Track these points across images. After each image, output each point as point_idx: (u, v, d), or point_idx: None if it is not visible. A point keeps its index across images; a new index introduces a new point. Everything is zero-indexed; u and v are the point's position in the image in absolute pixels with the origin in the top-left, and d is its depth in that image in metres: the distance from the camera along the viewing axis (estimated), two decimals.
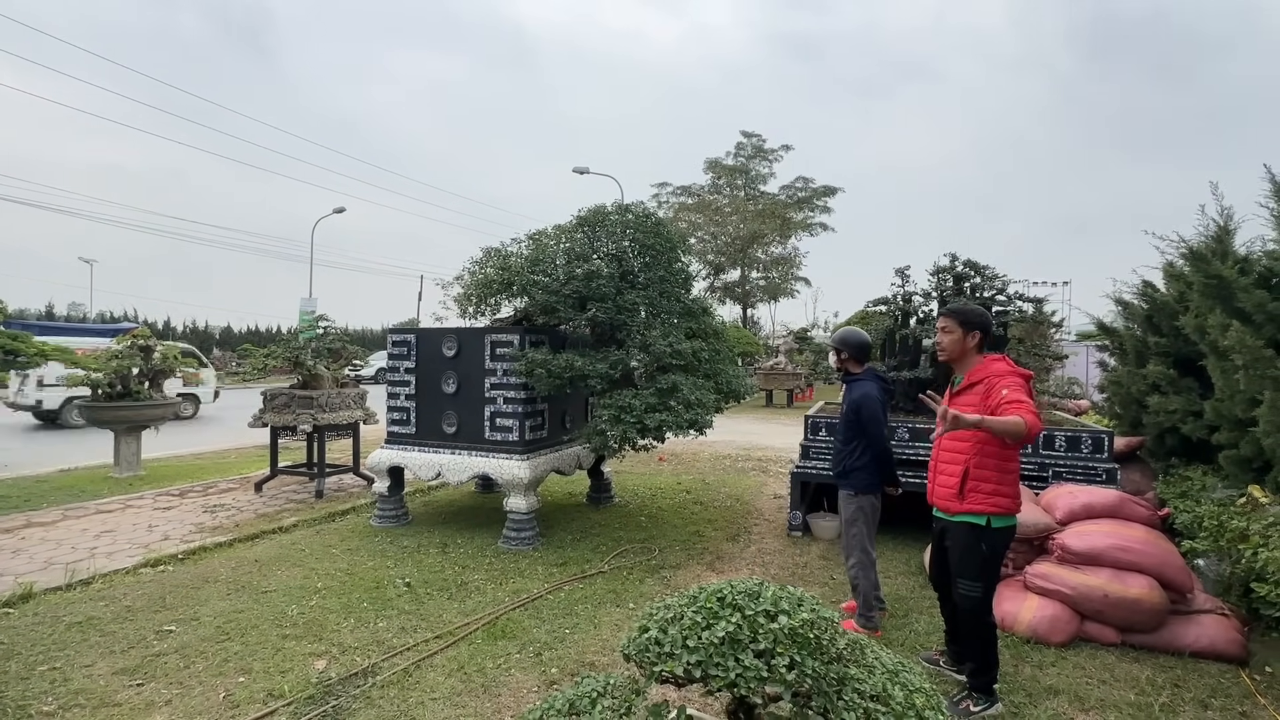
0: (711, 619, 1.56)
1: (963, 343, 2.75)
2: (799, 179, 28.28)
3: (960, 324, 2.75)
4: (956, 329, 2.76)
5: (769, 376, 17.92)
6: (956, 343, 2.77)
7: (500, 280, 4.92)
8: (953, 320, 2.78)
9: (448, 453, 5.07)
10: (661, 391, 4.51)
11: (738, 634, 1.51)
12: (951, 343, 2.78)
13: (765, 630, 1.51)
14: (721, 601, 1.61)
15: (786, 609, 1.57)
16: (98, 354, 7.22)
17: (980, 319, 2.76)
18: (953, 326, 2.77)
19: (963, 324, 2.75)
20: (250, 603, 3.69)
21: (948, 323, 2.80)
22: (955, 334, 2.77)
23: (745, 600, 1.60)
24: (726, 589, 1.67)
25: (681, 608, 1.63)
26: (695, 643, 1.51)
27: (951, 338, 2.78)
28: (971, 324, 2.74)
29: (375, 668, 2.95)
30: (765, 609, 1.57)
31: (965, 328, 2.75)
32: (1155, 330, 5.17)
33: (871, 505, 3.39)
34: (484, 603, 3.71)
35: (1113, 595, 3.21)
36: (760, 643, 1.49)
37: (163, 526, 5.28)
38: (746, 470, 8.12)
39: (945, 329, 2.80)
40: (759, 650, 1.48)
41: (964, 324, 2.75)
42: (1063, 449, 4.59)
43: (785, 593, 1.67)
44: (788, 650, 1.47)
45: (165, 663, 2.98)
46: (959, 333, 2.76)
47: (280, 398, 6.38)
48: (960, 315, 2.78)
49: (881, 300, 5.67)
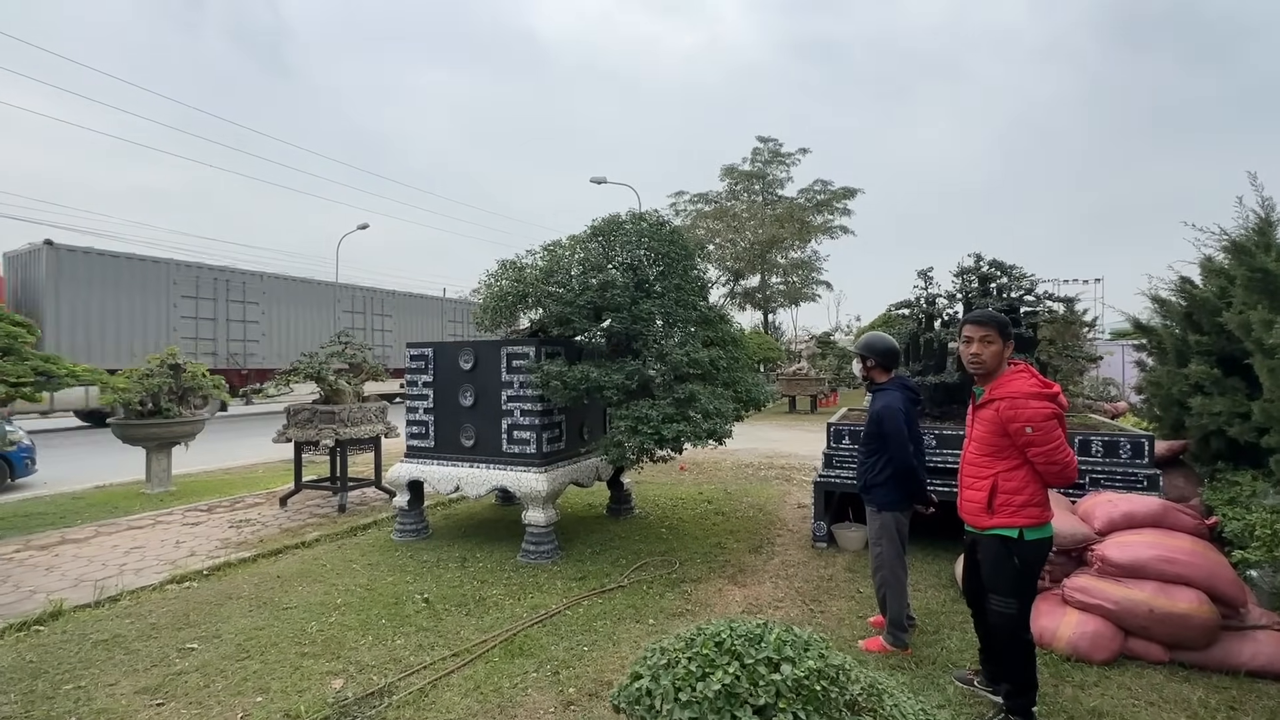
0: (708, 667, 1.45)
1: (1001, 355, 2.55)
2: (817, 181, 27.99)
3: (1001, 334, 2.53)
4: (998, 339, 2.53)
5: (792, 382, 17.70)
6: (997, 356, 2.54)
7: (515, 292, 4.91)
8: (993, 329, 2.53)
9: (466, 466, 5.06)
10: (679, 401, 4.44)
11: (735, 686, 1.39)
12: (993, 356, 2.54)
13: (766, 682, 1.40)
14: (719, 647, 1.50)
15: (791, 655, 1.46)
16: (129, 373, 7.40)
17: (1013, 327, 2.60)
18: (994, 336, 2.53)
19: (1002, 334, 2.53)
20: (271, 619, 3.70)
21: (990, 333, 2.53)
22: (996, 345, 2.53)
23: (745, 646, 1.49)
24: (725, 632, 1.56)
25: (677, 652, 1.53)
26: (689, 696, 1.40)
27: (993, 349, 2.53)
28: (1008, 334, 2.55)
29: (392, 687, 2.91)
30: (767, 656, 1.46)
31: (1005, 338, 2.54)
32: (1195, 328, 4.94)
33: (896, 522, 3.26)
34: (502, 619, 3.67)
35: (1159, 610, 3.03)
36: (760, 697, 1.37)
37: (190, 542, 5.36)
38: (769, 479, 7.98)
39: (987, 339, 2.54)
40: (758, 706, 1.36)
41: (1003, 334, 2.53)
42: (1100, 454, 4.40)
43: (790, 636, 1.55)
44: (791, 705, 1.35)
45: (186, 682, 2.99)
46: (999, 344, 2.53)
47: (303, 413, 6.46)
48: (1002, 324, 2.54)
49: (905, 303, 5.53)
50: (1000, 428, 2.46)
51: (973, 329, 2.58)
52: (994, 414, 2.48)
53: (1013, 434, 2.42)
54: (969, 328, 2.61)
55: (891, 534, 3.24)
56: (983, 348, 2.55)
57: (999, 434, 2.48)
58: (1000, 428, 2.46)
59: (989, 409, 2.52)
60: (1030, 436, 2.38)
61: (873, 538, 3.32)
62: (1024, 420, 2.39)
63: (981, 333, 2.56)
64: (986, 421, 2.53)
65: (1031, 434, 2.38)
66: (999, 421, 2.46)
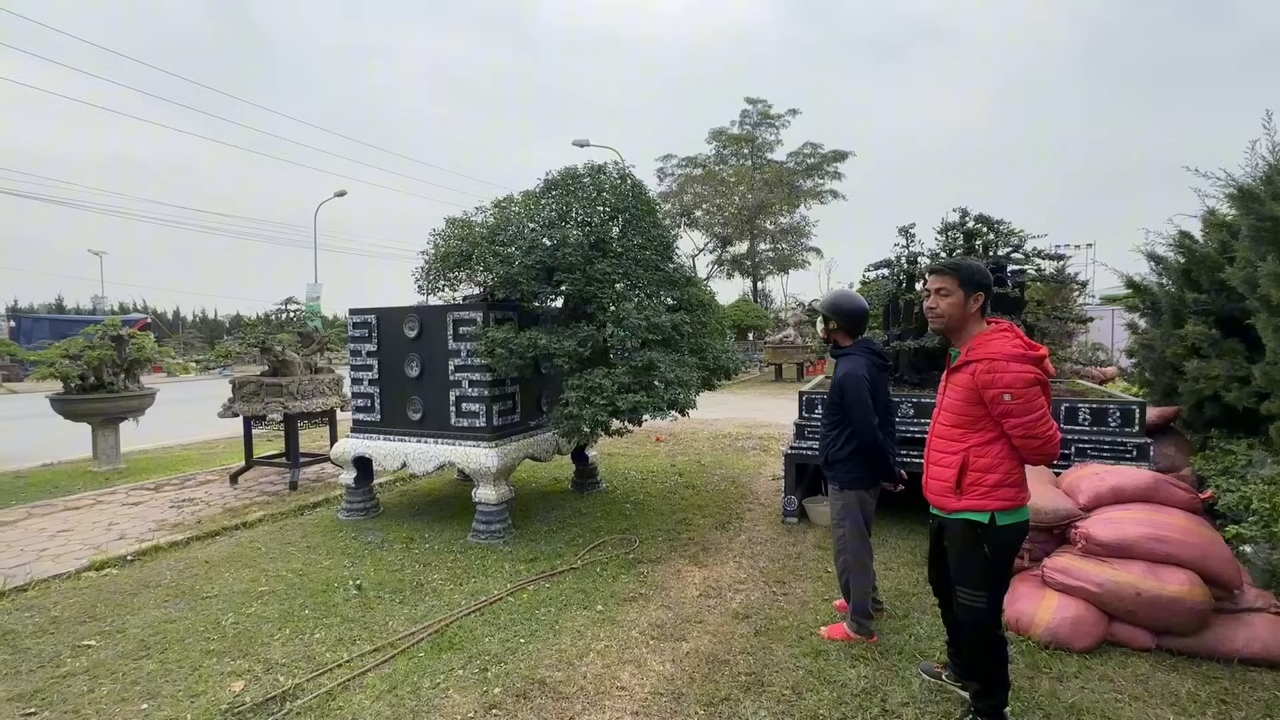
0: None
1: (963, 306, 2.19)
2: (806, 144, 27.24)
3: (960, 282, 2.18)
4: (956, 289, 2.19)
5: (778, 350, 17.41)
6: (956, 306, 2.20)
7: (460, 252, 4.50)
8: (950, 278, 2.20)
9: (413, 441, 4.72)
10: (636, 370, 4.09)
11: None
12: (950, 306, 2.21)
13: None
14: None
15: None
16: (68, 344, 6.97)
17: (983, 276, 2.21)
18: (950, 286, 2.20)
19: (963, 282, 2.18)
20: (185, 611, 3.39)
21: (944, 282, 2.21)
22: (954, 296, 2.19)
23: None
24: None
25: None
26: None
27: (949, 300, 2.20)
28: (974, 282, 2.18)
29: (297, 689, 2.62)
30: None
31: (966, 287, 2.18)
32: (1194, 286, 4.61)
33: (861, 501, 2.94)
34: (437, 607, 3.37)
35: (1146, 593, 2.76)
36: None
37: (123, 524, 5.03)
38: (746, 450, 7.71)
39: (941, 290, 2.21)
40: None
41: (964, 282, 2.18)
42: (1087, 423, 4.10)
43: None
44: None
45: (69, 686, 2.68)
46: (959, 294, 2.19)
47: (249, 385, 6.08)
48: (960, 271, 2.20)
49: (884, 262, 5.15)
50: (975, 394, 2.12)
51: (930, 280, 2.29)
52: (969, 378, 2.14)
53: (989, 401, 2.09)
54: (928, 279, 2.31)
55: (855, 514, 2.93)
56: (937, 299, 2.23)
57: (974, 402, 2.15)
58: (975, 394, 2.12)
59: (964, 372, 2.18)
60: (1008, 405, 2.04)
61: (835, 518, 3.01)
62: (1002, 386, 2.05)
63: (938, 283, 2.23)
64: (960, 387, 2.19)
65: (1010, 402, 2.04)
66: (974, 387, 2.12)
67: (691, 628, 3.12)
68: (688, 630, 3.09)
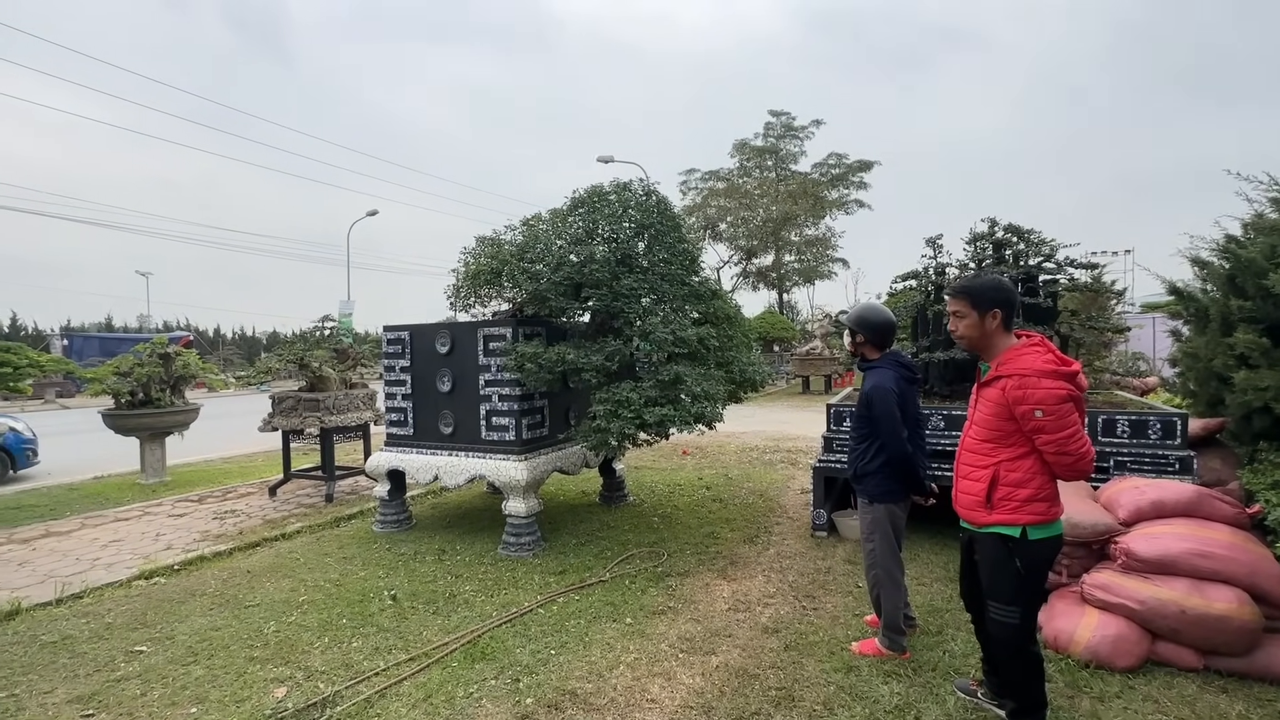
0: None
1: (981, 326, 2.21)
2: (831, 155, 27.14)
3: (972, 303, 2.21)
4: (969, 311, 2.22)
5: (805, 362, 17.27)
6: (973, 327, 2.23)
7: (490, 270, 4.61)
8: (963, 301, 2.23)
9: (445, 454, 4.83)
10: (663, 384, 4.13)
11: None
12: (967, 328, 2.24)
13: None
14: None
15: None
16: (118, 362, 7.31)
17: (996, 292, 2.20)
18: (964, 309, 2.22)
19: (975, 303, 2.20)
20: (229, 619, 3.51)
21: (958, 305, 2.24)
22: (969, 318, 2.22)
23: None
24: None
25: None
26: None
27: (966, 323, 2.23)
28: (986, 300, 2.19)
29: (337, 696, 2.69)
30: None
31: (980, 307, 2.20)
32: (1239, 293, 4.46)
33: (890, 515, 2.92)
34: (470, 618, 3.43)
35: (1192, 611, 2.68)
36: None
37: (169, 535, 5.23)
38: (774, 463, 7.66)
39: (957, 313, 2.25)
40: None
41: (976, 303, 2.20)
42: (1126, 435, 4.00)
43: None
44: None
45: (123, 690, 2.80)
46: (973, 316, 2.21)
47: (287, 401, 6.29)
48: (970, 293, 2.22)
49: (911, 274, 5.12)
50: (1006, 410, 2.11)
51: (947, 303, 2.34)
52: (999, 394, 2.13)
53: (1020, 417, 2.08)
54: (946, 301, 2.36)
55: (885, 528, 2.91)
56: (955, 322, 2.28)
57: (1004, 417, 2.13)
58: (1006, 410, 2.11)
59: (994, 388, 2.17)
60: (1040, 421, 2.03)
61: (865, 532, 2.99)
62: (1033, 402, 2.04)
63: (953, 306, 2.28)
64: (990, 402, 2.18)
65: (1041, 419, 2.02)
66: (1004, 403, 2.11)
67: (721, 641, 3.11)
68: (717, 644, 3.09)
